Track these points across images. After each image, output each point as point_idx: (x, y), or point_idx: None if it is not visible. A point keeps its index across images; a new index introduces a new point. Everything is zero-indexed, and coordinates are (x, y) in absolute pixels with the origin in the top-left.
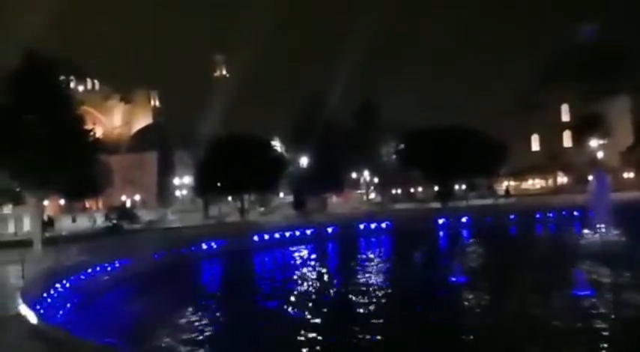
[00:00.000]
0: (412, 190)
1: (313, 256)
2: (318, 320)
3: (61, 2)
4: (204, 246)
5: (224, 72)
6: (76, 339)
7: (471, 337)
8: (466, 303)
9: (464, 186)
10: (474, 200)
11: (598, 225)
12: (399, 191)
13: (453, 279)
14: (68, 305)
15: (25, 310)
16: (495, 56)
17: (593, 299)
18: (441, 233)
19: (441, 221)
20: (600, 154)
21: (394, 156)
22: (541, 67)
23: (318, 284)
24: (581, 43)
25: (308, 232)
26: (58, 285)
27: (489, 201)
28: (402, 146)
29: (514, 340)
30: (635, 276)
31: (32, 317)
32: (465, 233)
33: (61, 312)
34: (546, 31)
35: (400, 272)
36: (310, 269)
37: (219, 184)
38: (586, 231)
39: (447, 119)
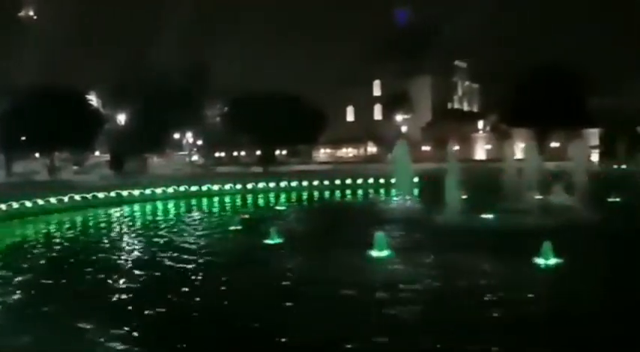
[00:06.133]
0: (236, 154)
1: (135, 217)
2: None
3: None
4: None
5: (31, 12)
6: None
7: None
8: (279, 262)
9: (285, 152)
10: (295, 166)
11: (400, 192)
12: (223, 154)
13: (268, 242)
14: None
15: None
16: (327, 31)
17: (391, 259)
18: (261, 196)
19: (261, 185)
20: (404, 128)
21: (219, 119)
22: (363, 46)
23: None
24: (394, 26)
25: (125, 193)
26: None
27: (311, 167)
28: (226, 109)
29: (315, 290)
30: (428, 238)
31: None
32: (283, 197)
33: None
34: (372, 11)
35: (241, 232)
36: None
37: (24, 138)
38: (389, 197)
39: (279, 85)
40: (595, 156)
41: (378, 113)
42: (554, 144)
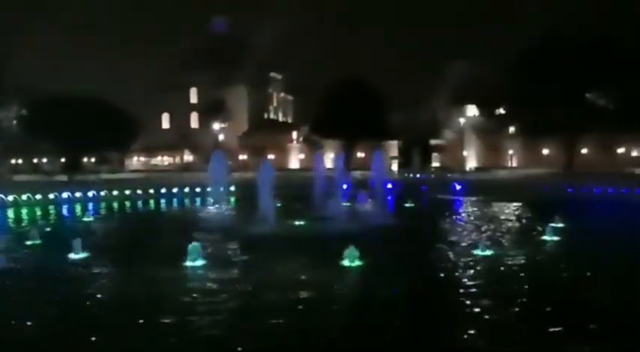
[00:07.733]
0: (36, 161)
1: None
2: None
3: None
4: None
5: None
6: None
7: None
8: (89, 278)
9: (93, 160)
10: (105, 174)
11: (216, 201)
12: (20, 161)
13: (72, 256)
14: None
15: None
16: (143, 37)
17: (205, 268)
18: (66, 207)
19: (65, 195)
20: (221, 137)
21: (15, 122)
22: (179, 53)
23: None
24: (212, 35)
25: None
26: None
27: (123, 176)
28: (24, 111)
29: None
30: (242, 246)
31: None
32: (90, 208)
33: None
34: (190, 19)
35: (40, 247)
36: None
37: None
38: (204, 206)
39: (86, 89)
40: (395, 166)
41: (194, 121)
42: (360, 155)
